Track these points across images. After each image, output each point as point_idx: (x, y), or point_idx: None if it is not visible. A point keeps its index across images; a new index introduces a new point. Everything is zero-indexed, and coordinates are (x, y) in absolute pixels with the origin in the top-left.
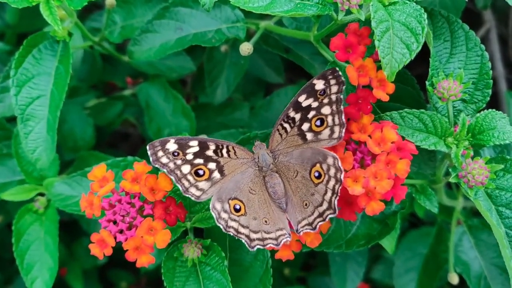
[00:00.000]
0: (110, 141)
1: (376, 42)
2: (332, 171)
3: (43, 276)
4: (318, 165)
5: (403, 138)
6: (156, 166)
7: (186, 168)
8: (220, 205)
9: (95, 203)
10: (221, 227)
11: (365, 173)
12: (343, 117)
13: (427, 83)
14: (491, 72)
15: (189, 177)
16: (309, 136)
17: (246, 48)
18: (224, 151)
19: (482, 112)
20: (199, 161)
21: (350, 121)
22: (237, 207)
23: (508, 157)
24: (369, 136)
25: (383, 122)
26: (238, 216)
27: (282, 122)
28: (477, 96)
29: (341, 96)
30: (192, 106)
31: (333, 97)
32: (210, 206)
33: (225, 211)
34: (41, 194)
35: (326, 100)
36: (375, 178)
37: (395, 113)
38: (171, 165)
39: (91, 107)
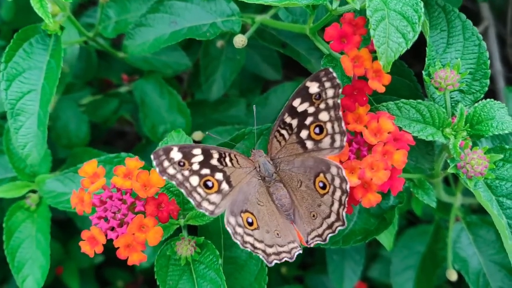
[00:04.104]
0: (106, 139)
1: (372, 31)
2: (337, 182)
3: (35, 274)
4: (321, 175)
5: (400, 128)
6: (164, 178)
7: (194, 180)
8: (234, 219)
9: (86, 200)
10: (238, 243)
11: (361, 164)
12: (343, 124)
13: (424, 73)
14: (489, 61)
15: (199, 190)
16: (309, 144)
17: (240, 40)
18: (227, 159)
19: (480, 102)
20: (206, 171)
21: (346, 111)
22: (250, 220)
23: (507, 146)
24: (365, 126)
25: (379, 113)
26: (252, 230)
27: (279, 128)
28: (475, 87)
29: (339, 101)
30: (188, 102)
31: (330, 102)
32: (225, 221)
33: (240, 226)
34: (33, 191)
35: (322, 105)
36: (371, 169)
37: (392, 104)
38: (179, 176)
39: (86, 104)
